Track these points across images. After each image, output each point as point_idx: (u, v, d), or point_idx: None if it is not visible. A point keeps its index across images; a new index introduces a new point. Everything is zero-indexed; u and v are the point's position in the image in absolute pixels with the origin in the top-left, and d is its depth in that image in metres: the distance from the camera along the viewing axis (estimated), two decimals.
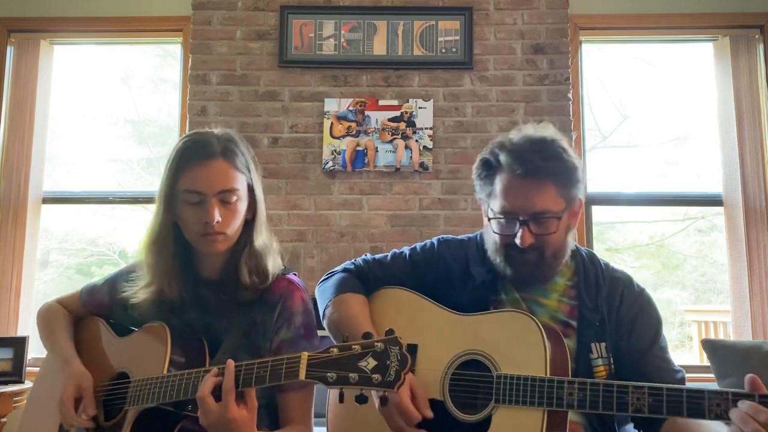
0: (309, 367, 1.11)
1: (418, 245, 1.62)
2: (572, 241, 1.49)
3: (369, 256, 1.65)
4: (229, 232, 1.39)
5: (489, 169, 1.44)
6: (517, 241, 1.38)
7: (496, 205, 1.41)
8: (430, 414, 1.33)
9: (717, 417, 1.18)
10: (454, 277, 1.54)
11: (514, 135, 1.45)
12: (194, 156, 1.38)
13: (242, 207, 1.42)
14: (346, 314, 1.49)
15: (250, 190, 1.45)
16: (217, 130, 1.46)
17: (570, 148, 1.44)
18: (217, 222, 1.36)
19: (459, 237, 1.63)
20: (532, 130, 1.46)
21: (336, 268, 1.64)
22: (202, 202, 1.37)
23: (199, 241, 1.40)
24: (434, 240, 1.62)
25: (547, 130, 1.46)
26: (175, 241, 1.43)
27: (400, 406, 1.30)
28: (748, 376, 1.18)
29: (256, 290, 1.44)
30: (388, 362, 1.07)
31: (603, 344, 1.43)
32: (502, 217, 1.41)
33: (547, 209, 1.38)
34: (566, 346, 1.37)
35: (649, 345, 1.45)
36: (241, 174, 1.41)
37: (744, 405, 1.14)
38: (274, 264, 1.47)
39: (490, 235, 1.46)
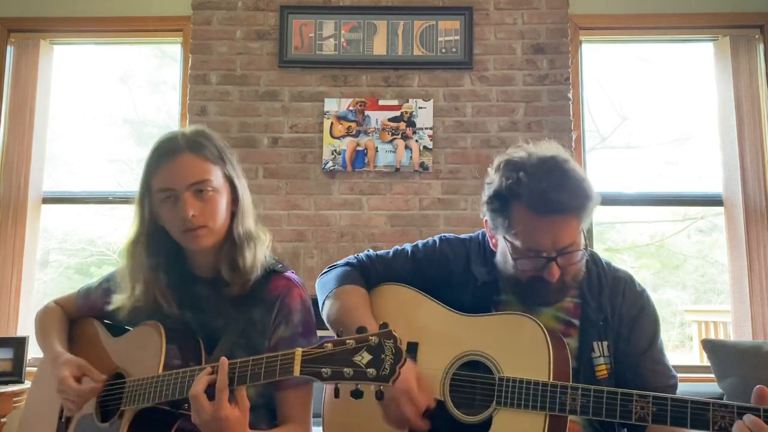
0: (303, 363, 1.10)
1: (420, 242, 1.60)
2: None
3: (371, 251, 1.62)
4: (211, 224, 1.37)
5: (503, 201, 1.36)
6: (547, 277, 1.35)
7: (518, 242, 1.36)
8: (433, 404, 1.32)
9: (721, 429, 1.15)
10: (455, 275, 1.52)
11: (525, 159, 1.37)
12: (162, 155, 1.38)
13: (221, 198, 1.39)
14: (347, 305, 1.46)
15: (228, 180, 1.42)
16: (187, 129, 1.44)
17: (579, 167, 1.39)
18: (193, 216, 1.34)
19: (461, 236, 1.60)
20: (541, 151, 1.38)
21: (338, 262, 1.62)
22: (175, 199, 1.35)
23: (183, 238, 1.39)
24: (436, 238, 1.60)
25: (556, 150, 1.39)
26: (166, 242, 1.42)
27: (409, 392, 1.28)
28: (758, 387, 1.16)
29: (242, 284, 1.40)
30: (383, 356, 1.06)
31: (605, 343, 1.42)
32: (529, 255, 1.36)
33: (573, 242, 1.35)
34: (568, 351, 1.35)
35: (647, 346, 1.44)
36: (214, 165, 1.39)
37: (748, 419, 1.12)
38: (254, 255, 1.42)
39: (509, 267, 1.41)
